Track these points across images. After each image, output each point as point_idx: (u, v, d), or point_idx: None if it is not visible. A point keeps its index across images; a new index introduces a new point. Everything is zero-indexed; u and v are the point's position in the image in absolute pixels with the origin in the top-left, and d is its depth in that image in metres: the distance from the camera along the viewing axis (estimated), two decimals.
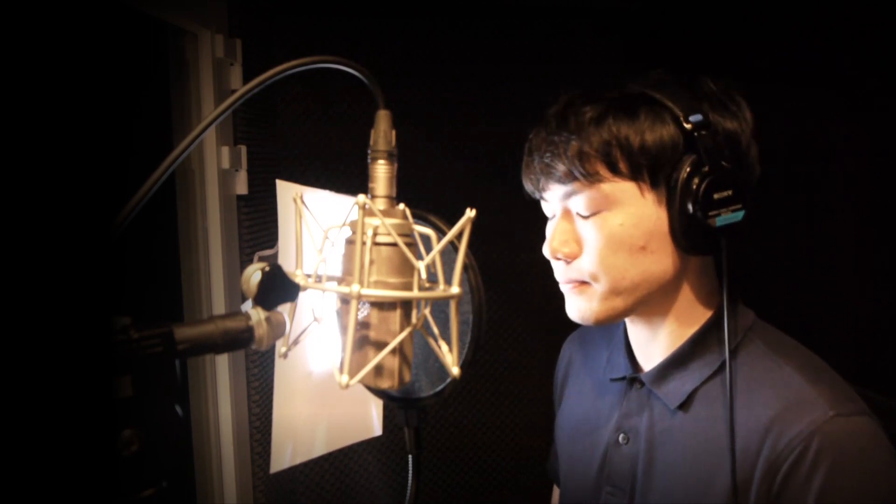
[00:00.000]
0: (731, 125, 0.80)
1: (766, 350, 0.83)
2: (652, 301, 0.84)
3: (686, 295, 0.86)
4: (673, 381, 0.86)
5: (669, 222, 0.79)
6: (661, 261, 0.81)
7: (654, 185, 0.79)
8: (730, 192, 0.77)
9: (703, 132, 0.77)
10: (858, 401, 0.78)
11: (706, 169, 0.76)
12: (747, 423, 0.77)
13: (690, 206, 0.77)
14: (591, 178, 0.79)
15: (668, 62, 0.86)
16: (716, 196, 0.76)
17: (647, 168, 0.78)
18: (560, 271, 0.86)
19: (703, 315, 0.86)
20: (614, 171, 0.79)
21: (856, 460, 0.73)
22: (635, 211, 0.79)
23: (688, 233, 0.78)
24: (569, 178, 0.80)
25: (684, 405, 0.84)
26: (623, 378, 0.93)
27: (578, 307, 0.85)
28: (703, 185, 0.76)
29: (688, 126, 0.77)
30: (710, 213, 0.76)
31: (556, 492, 1.16)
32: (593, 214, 0.81)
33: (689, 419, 0.84)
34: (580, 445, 0.98)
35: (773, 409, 0.76)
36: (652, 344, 0.89)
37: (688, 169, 0.77)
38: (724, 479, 0.78)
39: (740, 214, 0.77)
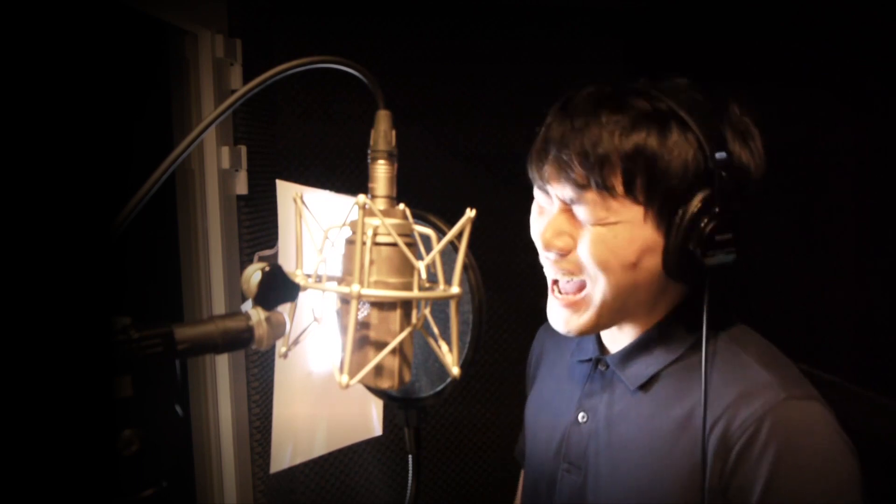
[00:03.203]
0: (746, 159, 0.81)
1: (727, 340, 0.85)
2: (631, 311, 0.86)
3: (659, 297, 0.87)
4: (637, 364, 0.88)
5: (665, 250, 0.79)
6: (649, 279, 0.82)
7: (660, 213, 0.78)
8: (730, 236, 0.77)
9: (724, 173, 0.76)
10: (811, 387, 0.80)
11: (717, 210, 0.76)
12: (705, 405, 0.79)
13: (692, 244, 0.77)
14: (605, 191, 0.78)
15: (668, 62, 0.86)
16: (718, 238, 0.76)
17: (662, 194, 0.77)
18: (550, 262, 0.85)
19: (670, 306, 0.88)
20: (629, 190, 0.78)
21: (805, 442, 0.75)
22: (631, 230, 0.79)
23: (681, 265, 0.79)
24: (583, 183, 0.79)
25: (644, 386, 0.87)
26: (589, 360, 0.96)
27: (566, 320, 0.86)
28: (709, 226, 0.76)
29: (711, 164, 0.76)
30: (708, 253, 0.77)
31: (523, 473, 1.18)
32: (593, 224, 0.80)
33: (648, 400, 0.86)
34: (543, 424, 1.01)
35: (728, 392, 0.79)
36: (620, 331, 0.91)
37: (699, 205, 0.76)
38: (680, 457, 0.80)
39: (732, 257, 0.78)
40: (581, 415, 0.93)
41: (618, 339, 0.92)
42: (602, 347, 0.95)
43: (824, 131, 1.40)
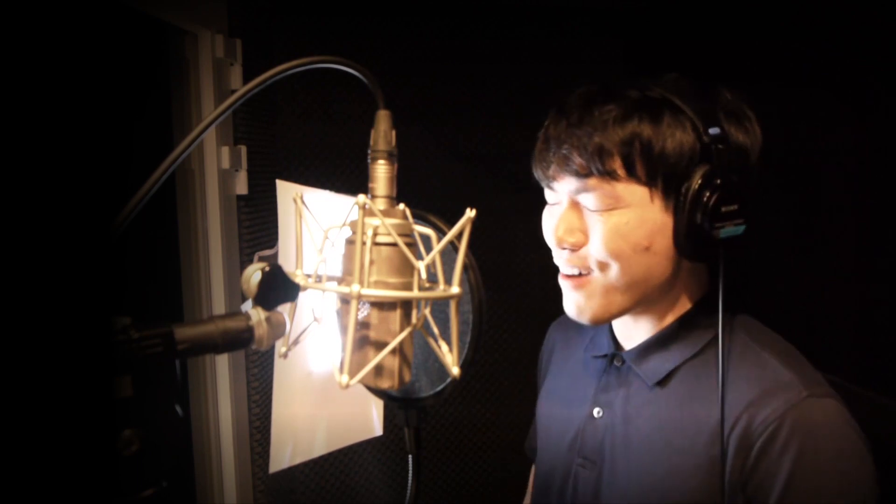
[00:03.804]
0: (743, 139, 0.82)
1: (746, 338, 0.86)
2: (645, 300, 0.86)
3: (676, 289, 0.88)
4: (654, 360, 0.89)
5: (675, 228, 0.81)
6: (662, 262, 0.83)
7: (665, 192, 0.80)
8: (736, 207, 0.78)
9: (720, 146, 0.78)
10: (829, 387, 0.81)
11: (718, 182, 0.78)
12: (726, 401, 0.80)
13: (699, 217, 0.78)
14: (608, 176, 0.80)
15: (668, 62, 0.86)
16: (723, 209, 0.78)
17: (663, 174, 0.80)
18: (563, 258, 0.86)
19: (687, 304, 0.89)
20: (630, 172, 0.80)
21: (826, 439, 0.77)
22: (641, 213, 0.81)
23: (692, 241, 0.80)
24: (585, 172, 0.81)
25: (662, 382, 0.87)
26: (605, 355, 0.96)
27: (578, 303, 0.87)
28: (713, 198, 0.77)
29: (706, 139, 0.78)
30: (716, 225, 0.78)
31: (533, 469, 1.18)
32: (602, 211, 0.82)
33: (665, 396, 0.87)
34: (557, 419, 1.01)
35: (750, 389, 0.80)
36: (635, 325, 0.92)
37: (700, 180, 0.78)
38: (699, 453, 0.81)
39: (742, 228, 0.79)
40: (596, 410, 0.93)
41: (633, 335, 0.92)
42: (617, 343, 0.95)
43: (824, 131, 1.40)
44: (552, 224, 0.87)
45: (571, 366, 1.04)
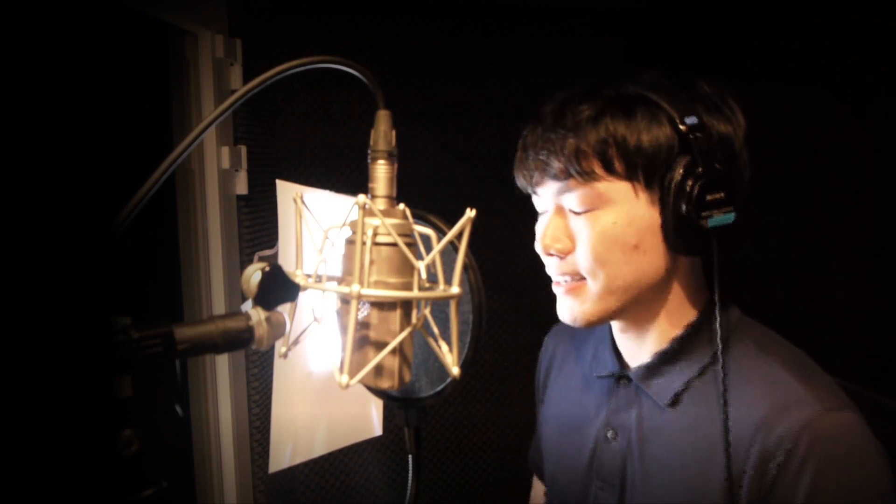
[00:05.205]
0: (725, 128, 0.81)
1: (754, 347, 0.84)
2: (642, 301, 0.85)
3: (675, 294, 0.86)
4: (661, 379, 0.87)
5: (662, 222, 0.80)
6: (654, 260, 0.82)
7: (648, 186, 0.80)
8: (722, 195, 0.77)
9: (698, 134, 0.78)
10: (844, 396, 0.79)
11: (700, 170, 0.77)
12: (737, 420, 0.78)
13: (684, 207, 0.77)
14: (587, 177, 0.79)
15: (668, 62, 0.86)
16: (709, 197, 0.77)
17: (643, 168, 0.79)
18: (553, 266, 0.86)
19: (690, 314, 0.88)
20: (609, 170, 0.79)
21: (844, 455, 0.75)
22: (628, 210, 0.80)
23: (680, 233, 0.79)
24: (564, 175, 0.81)
25: (673, 402, 0.86)
26: (610, 374, 0.94)
27: (571, 308, 0.85)
28: (696, 187, 0.77)
29: (683, 128, 0.78)
30: (703, 214, 0.77)
31: (535, 482, 1.17)
32: (586, 212, 0.81)
33: (679, 416, 0.85)
34: (567, 441, 0.99)
35: (763, 407, 0.78)
36: (638, 342, 0.90)
37: (682, 170, 0.78)
38: (716, 475, 0.79)
39: (731, 216, 0.78)
40: (610, 432, 0.91)
41: (637, 353, 0.90)
42: (621, 361, 0.94)
43: (824, 131, 1.40)
44: (539, 232, 0.87)
45: (576, 383, 1.02)
